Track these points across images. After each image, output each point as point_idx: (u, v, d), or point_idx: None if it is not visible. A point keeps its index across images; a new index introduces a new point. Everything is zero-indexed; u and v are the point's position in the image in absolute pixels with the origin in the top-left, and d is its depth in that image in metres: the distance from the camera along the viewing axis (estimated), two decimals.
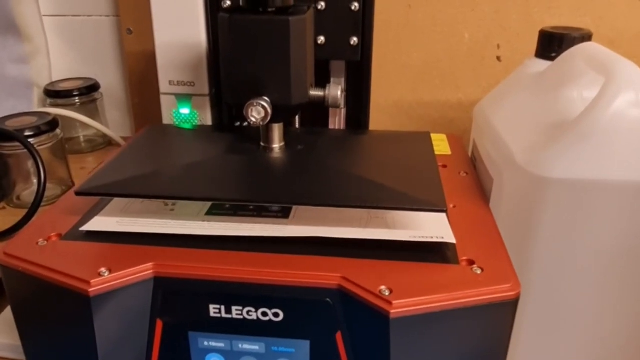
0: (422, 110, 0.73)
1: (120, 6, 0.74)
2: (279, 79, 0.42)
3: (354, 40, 0.50)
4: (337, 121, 0.55)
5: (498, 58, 0.69)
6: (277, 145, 0.46)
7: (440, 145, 0.57)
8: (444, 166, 0.52)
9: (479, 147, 0.53)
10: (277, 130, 0.46)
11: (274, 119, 0.42)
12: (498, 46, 0.68)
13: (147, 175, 0.41)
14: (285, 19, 0.40)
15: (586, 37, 0.49)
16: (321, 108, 0.48)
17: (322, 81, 0.51)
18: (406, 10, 0.68)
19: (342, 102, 0.47)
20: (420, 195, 0.38)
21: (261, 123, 0.42)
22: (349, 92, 0.53)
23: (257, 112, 0.41)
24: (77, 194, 0.39)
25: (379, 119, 0.73)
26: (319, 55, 0.48)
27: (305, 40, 0.42)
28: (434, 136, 0.59)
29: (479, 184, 0.48)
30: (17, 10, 0.73)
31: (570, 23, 0.64)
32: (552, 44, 0.50)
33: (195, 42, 0.52)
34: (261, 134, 0.46)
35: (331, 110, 0.54)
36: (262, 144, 0.46)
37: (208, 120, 0.54)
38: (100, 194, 0.40)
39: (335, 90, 0.45)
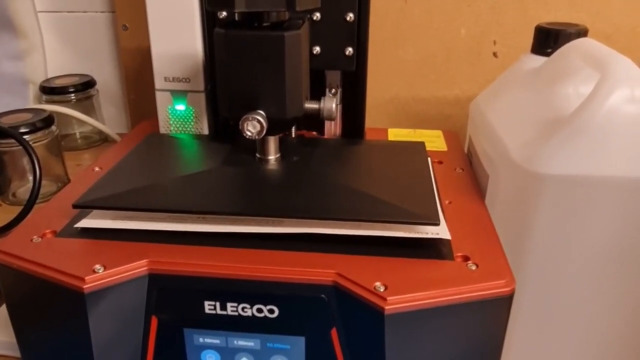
0: (419, 106, 0.73)
1: (116, 2, 0.74)
2: (274, 93, 0.42)
3: (349, 50, 0.50)
4: (332, 126, 0.55)
5: (494, 54, 0.69)
6: (272, 157, 0.46)
7: (436, 141, 0.57)
8: (440, 162, 0.52)
9: (474, 143, 0.53)
10: (272, 142, 0.46)
11: (269, 132, 0.43)
12: (494, 42, 0.68)
13: (143, 188, 0.41)
14: (280, 34, 0.40)
15: (582, 32, 0.49)
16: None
17: (317, 90, 0.51)
18: (402, 5, 0.68)
19: (337, 113, 0.47)
20: (414, 209, 0.38)
21: (256, 137, 0.42)
22: (344, 99, 0.53)
23: (253, 126, 0.42)
24: (75, 206, 0.40)
25: (374, 115, 0.72)
26: (314, 65, 0.48)
27: (301, 54, 0.42)
28: (429, 132, 0.59)
29: (475, 180, 0.48)
30: (11, 6, 0.72)
31: (566, 19, 0.64)
32: (547, 39, 0.50)
33: (190, 38, 0.51)
34: (257, 146, 0.46)
35: None
36: (257, 155, 0.46)
37: (203, 116, 0.54)
38: (98, 207, 0.40)
39: (330, 103, 0.45)
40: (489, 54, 0.69)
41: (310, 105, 0.45)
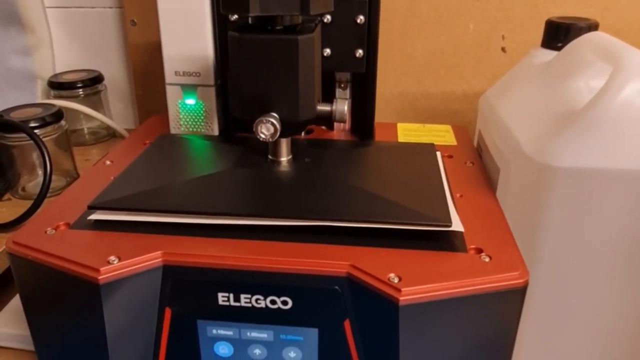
0: (427, 101, 0.73)
1: None
2: (287, 95, 0.42)
3: (359, 52, 0.50)
4: (342, 125, 0.55)
5: (503, 49, 0.69)
6: (284, 158, 0.47)
7: (446, 136, 0.57)
8: (450, 156, 0.52)
9: (484, 137, 0.53)
10: (284, 144, 0.46)
11: (282, 134, 0.43)
12: (503, 37, 0.68)
13: (157, 190, 0.42)
14: (294, 38, 0.41)
15: (593, 26, 0.49)
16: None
17: (327, 90, 0.51)
18: (410, 1, 0.68)
19: (348, 115, 0.48)
20: (426, 210, 0.38)
21: (270, 139, 0.42)
22: (353, 100, 0.53)
23: (267, 128, 0.42)
24: (90, 207, 0.40)
25: (383, 111, 0.72)
26: (324, 67, 0.49)
27: (313, 57, 0.42)
28: (439, 127, 0.59)
29: (486, 173, 0.48)
30: (20, 1, 0.72)
31: (575, 13, 0.64)
32: (558, 33, 0.50)
33: (201, 33, 0.51)
34: (269, 147, 0.47)
35: None
36: (269, 157, 0.47)
37: (213, 111, 0.54)
38: (113, 208, 0.40)
39: (342, 106, 0.45)
40: (498, 49, 0.69)
41: (323, 107, 0.45)
